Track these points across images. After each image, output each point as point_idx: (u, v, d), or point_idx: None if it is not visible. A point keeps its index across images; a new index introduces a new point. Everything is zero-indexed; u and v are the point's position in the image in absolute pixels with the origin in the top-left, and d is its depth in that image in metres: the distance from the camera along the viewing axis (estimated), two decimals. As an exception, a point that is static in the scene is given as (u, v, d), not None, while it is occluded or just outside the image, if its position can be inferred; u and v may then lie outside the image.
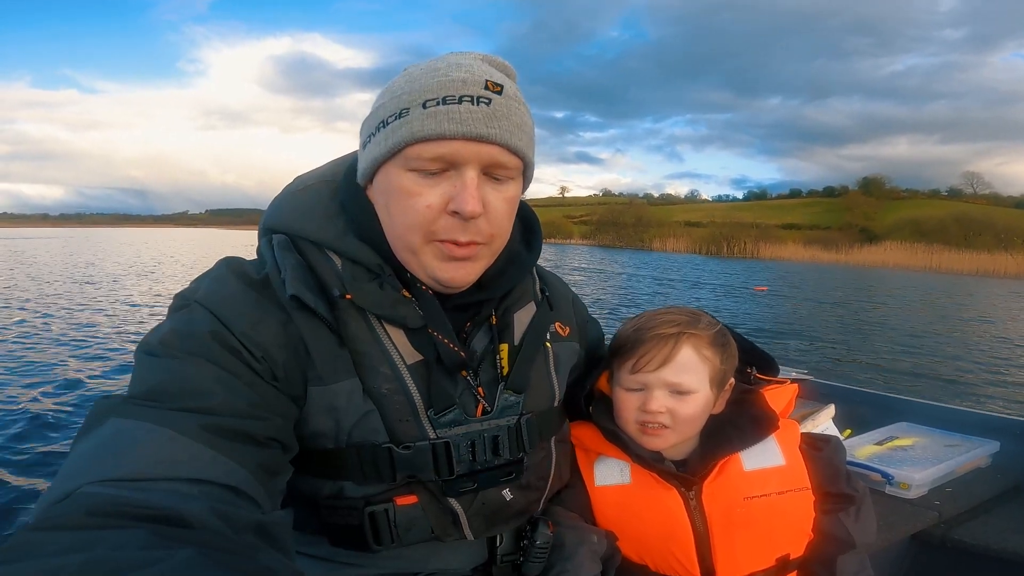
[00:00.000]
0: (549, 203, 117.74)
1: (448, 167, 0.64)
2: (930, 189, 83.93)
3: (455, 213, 0.64)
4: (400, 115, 0.64)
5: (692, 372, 0.83)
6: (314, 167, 0.80)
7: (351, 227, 0.71)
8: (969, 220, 48.52)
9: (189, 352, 0.58)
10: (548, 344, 0.81)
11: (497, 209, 0.67)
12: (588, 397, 0.91)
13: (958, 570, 1.27)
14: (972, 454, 1.42)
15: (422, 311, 0.69)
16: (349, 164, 0.76)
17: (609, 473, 0.88)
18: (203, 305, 0.62)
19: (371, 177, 0.70)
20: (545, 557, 0.77)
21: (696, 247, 50.20)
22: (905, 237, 45.95)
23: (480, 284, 0.73)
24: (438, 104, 0.62)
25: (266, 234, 0.73)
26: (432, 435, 0.68)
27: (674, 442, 0.86)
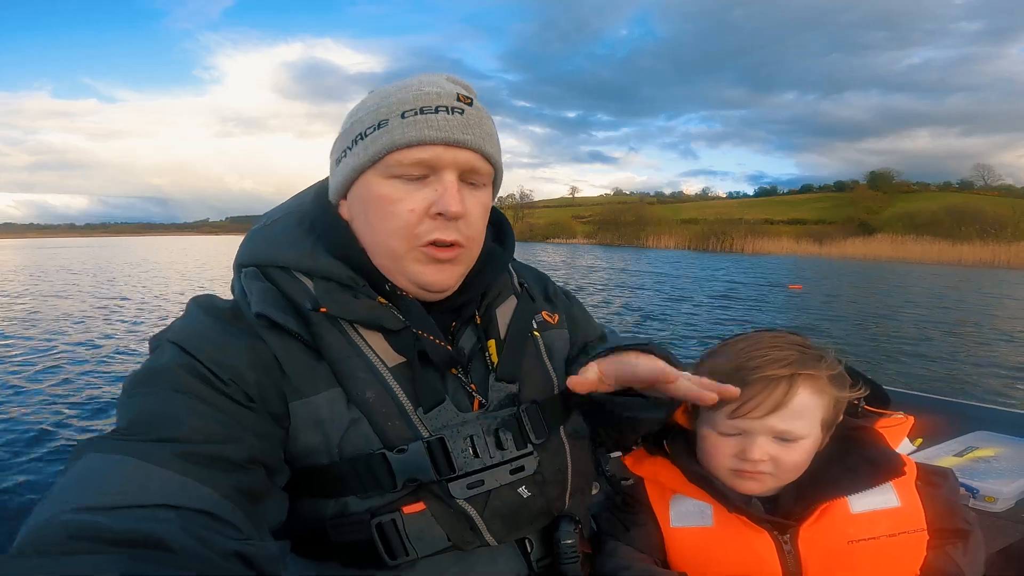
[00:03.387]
0: (560, 203, 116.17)
1: (428, 173, 0.65)
2: (942, 182, 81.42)
3: (438, 215, 0.65)
4: (379, 126, 0.64)
5: (804, 418, 0.70)
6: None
7: (320, 246, 0.69)
8: (960, 212, 47.90)
9: (159, 386, 0.57)
10: (536, 334, 0.78)
11: (473, 213, 0.68)
12: (663, 431, 0.77)
13: None
14: (1063, 465, 1.25)
15: (404, 315, 0.68)
16: (316, 190, 0.76)
17: (688, 514, 0.76)
18: (172, 342, 0.62)
19: (345, 191, 0.69)
20: (578, 556, 0.71)
21: (687, 243, 50.09)
22: (898, 230, 45.43)
23: (461, 287, 0.72)
24: (416, 113, 0.64)
25: (238, 271, 0.71)
26: (425, 433, 0.65)
27: (772, 487, 0.72)
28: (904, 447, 1.29)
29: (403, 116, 0.64)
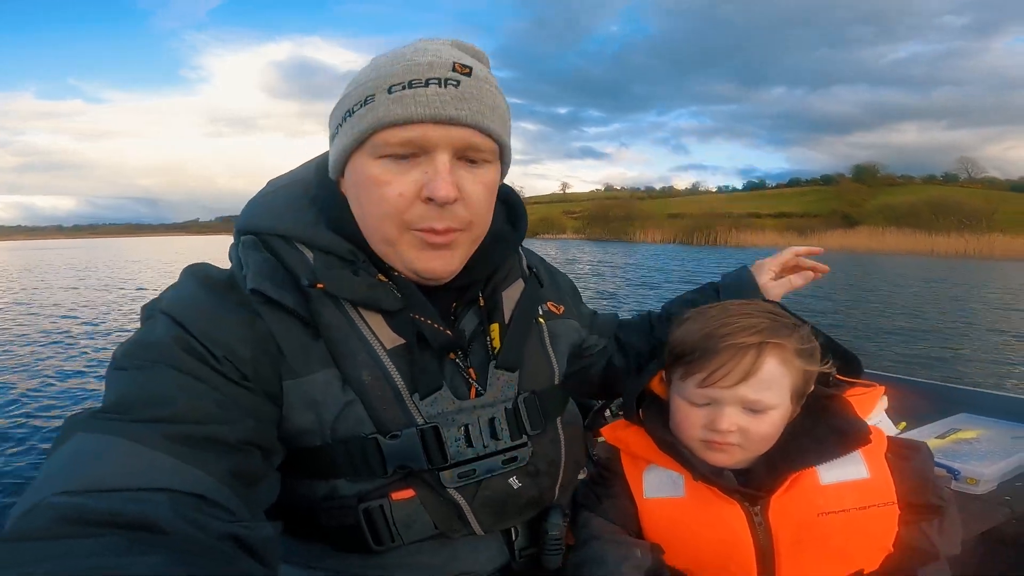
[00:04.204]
0: (551, 199, 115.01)
1: (418, 152, 0.60)
2: (927, 175, 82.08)
3: (429, 200, 0.60)
4: (365, 102, 0.60)
5: (774, 388, 0.68)
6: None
7: (322, 219, 0.66)
8: (938, 205, 48.47)
9: (152, 360, 0.54)
10: (541, 320, 0.75)
11: (474, 194, 0.62)
12: (639, 398, 0.77)
13: None
14: (1044, 446, 1.27)
15: (402, 296, 0.64)
16: (319, 160, 0.72)
17: (660, 485, 0.75)
18: (165, 313, 0.59)
19: (342, 170, 0.65)
20: (562, 548, 0.71)
21: (673, 237, 50.64)
22: (879, 223, 45.93)
23: (466, 267, 0.68)
24: (404, 88, 0.58)
25: (237, 237, 0.68)
26: (419, 420, 0.63)
27: (741, 459, 0.71)
28: (887, 430, 1.30)
29: (390, 91, 0.58)
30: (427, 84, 0.58)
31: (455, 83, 0.59)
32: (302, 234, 0.64)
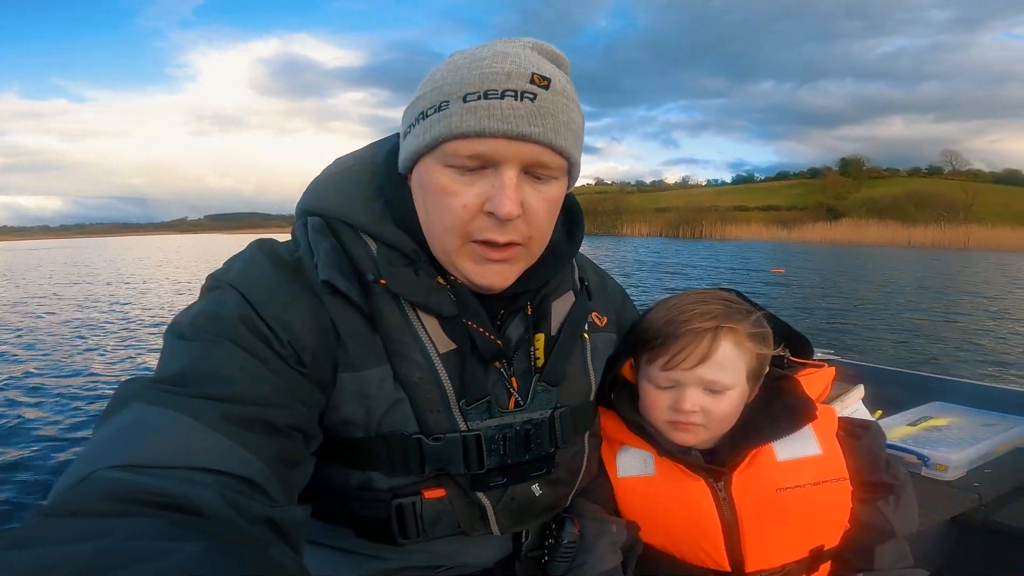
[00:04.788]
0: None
1: (486, 165, 0.59)
2: (911, 167, 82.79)
3: (491, 214, 0.59)
4: (440, 108, 0.58)
5: (729, 369, 0.73)
6: (326, 163, 0.73)
7: (388, 212, 0.65)
8: (918, 197, 49.23)
9: (217, 335, 0.54)
10: (585, 335, 0.74)
11: (536, 210, 0.61)
12: (610, 384, 0.80)
13: (1001, 553, 1.16)
14: (1010, 433, 1.32)
15: (456, 300, 0.64)
16: (389, 148, 0.70)
17: (632, 464, 0.79)
18: (234, 287, 0.58)
19: (410, 168, 0.65)
20: (571, 556, 0.72)
21: (660, 231, 51.02)
22: (862, 215, 46.54)
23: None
24: (479, 98, 0.56)
25: (302, 216, 0.68)
26: (463, 427, 0.63)
27: (706, 438, 0.76)
28: (863, 416, 1.33)
29: (464, 100, 0.56)
30: (503, 96, 0.56)
31: (531, 96, 0.57)
32: (368, 226, 0.64)
